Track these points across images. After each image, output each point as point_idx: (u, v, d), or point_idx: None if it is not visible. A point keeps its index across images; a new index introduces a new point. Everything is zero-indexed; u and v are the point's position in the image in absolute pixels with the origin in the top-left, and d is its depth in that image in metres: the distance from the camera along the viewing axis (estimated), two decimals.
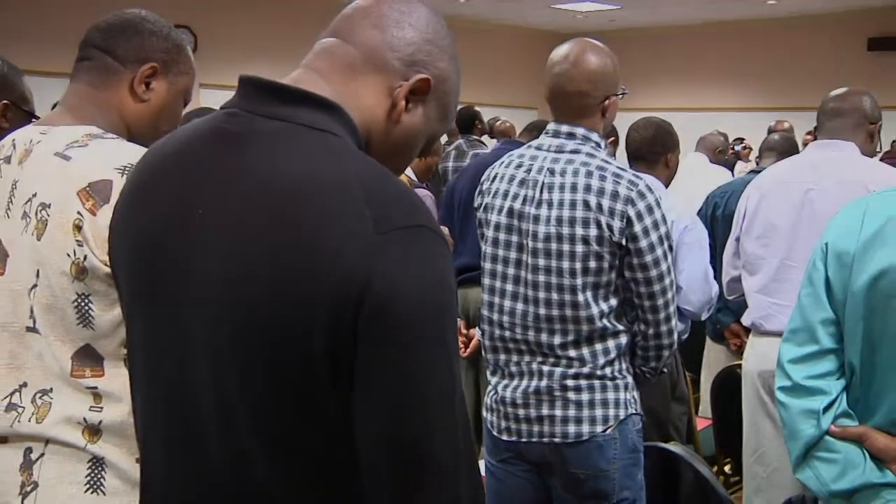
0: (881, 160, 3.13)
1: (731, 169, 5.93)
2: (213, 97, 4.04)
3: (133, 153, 1.50)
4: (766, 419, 2.90)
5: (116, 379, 1.51)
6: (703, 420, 3.93)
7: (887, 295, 1.65)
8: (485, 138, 7.38)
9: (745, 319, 3.06)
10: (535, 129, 4.12)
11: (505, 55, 13.11)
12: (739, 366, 3.32)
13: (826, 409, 1.72)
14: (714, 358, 4.17)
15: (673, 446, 2.49)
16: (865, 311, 1.68)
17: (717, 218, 3.99)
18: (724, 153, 5.79)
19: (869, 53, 11.16)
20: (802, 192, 2.85)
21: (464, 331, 3.65)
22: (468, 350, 3.60)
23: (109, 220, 1.30)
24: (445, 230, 3.40)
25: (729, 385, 3.39)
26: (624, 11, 11.65)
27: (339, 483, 1.03)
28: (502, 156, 3.82)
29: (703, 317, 3.19)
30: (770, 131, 6.85)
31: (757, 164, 4.72)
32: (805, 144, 5.68)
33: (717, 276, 3.12)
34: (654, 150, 3.09)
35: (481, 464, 2.72)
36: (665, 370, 2.39)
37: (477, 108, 7.31)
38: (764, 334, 2.92)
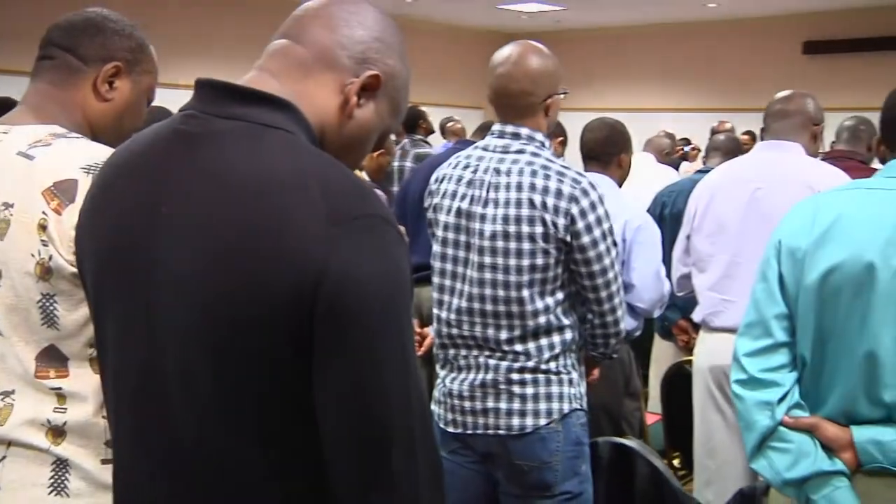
0: (822, 160, 3.21)
1: (677, 169, 6.03)
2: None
3: (98, 153, 1.49)
4: (717, 413, 2.96)
5: (81, 379, 1.50)
6: (653, 415, 3.99)
7: (837, 290, 1.70)
8: (432, 137, 7.39)
9: (696, 316, 3.12)
10: (486, 130, 4.16)
11: (451, 55, 13.14)
12: (688, 362, 3.38)
13: (780, 400, 1.76)
14: (662, 354, 4.24)
15: (627, 440, 2.53)
16: (817, 306, 1.73)
17: (666, 217, 4.06)
18: (671, 154, 5.89)
19: (804, 56, 11.38)
20: (751, 191, 2.90)
21: (418, 329, 3.67)
22: (422, 348, 3.61)
23: (75, 219, 1.29)
24: (402, 229, 3.42)
25: (678, 381, 3.47)
26: (569, 12, 11.72)
27: (305, 465, 1.06)
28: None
29: (656, 314, 3.26)
30: (713, 132, 7.00)
31: (704, 163, 4.83)
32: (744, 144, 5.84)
33: (668, 274, 3.19)
34: (607, 151, 3.14)
35: None
36: (615, 355, 2.46)
37: (422, 108, 7.33)
38: (714, 330, 2.97)
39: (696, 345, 3.11)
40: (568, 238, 2.13)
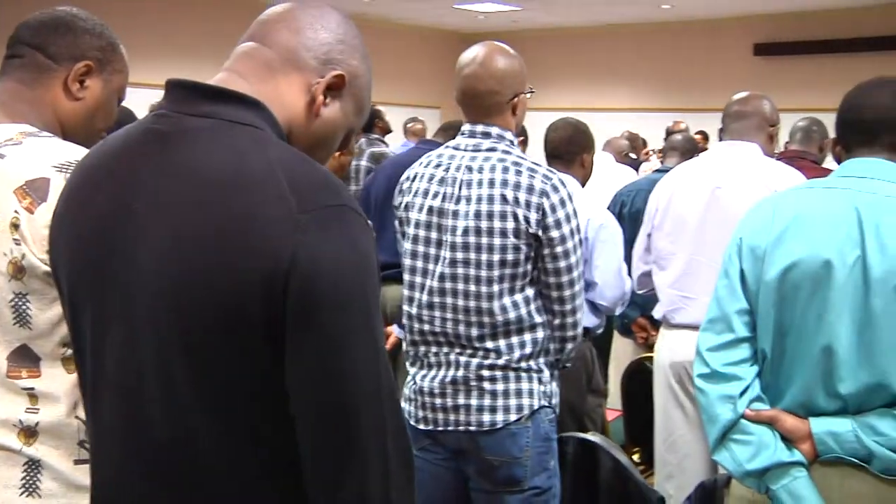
0: (777, 160, 3.28)
1: (636, 169, 6.10)
2: None
3: (70, 152, 1.50)
4: (677, 409, 3.00)
5: (54, 379, 1.50)
6: (613, 411, 4.05)
7: (796, 286, 1.76)
8: (389, 137, 7.40)
9: (656, 313, 3.15)
10: (450, 129, 4.17)
11: (408, 55, 13.14)
12: (647, 358, 3.43)
13: (741, 394, 1.81)
14: (622, 351, 4.30)
15: (592, 436, 2.56)
16: (776, 301, 1.78)
17: (625, 216, 4.11)
18: (629, 155, 5.96)
19: (755, 58, 11.52)
20: (710, 191, 2.94)
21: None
22: (387, 346, 3.63)
23: (48, 218, 1.29)
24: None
25: (637, 377, 3.53)
26: (525, 13, 11.78)
27: (278, 454, 1.09)
28: (420, 156, 3.88)
29: (618, 311, 3.30)
30: (668, 132, 7.11)
31: (661, 163, 4.89)
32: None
33: (629, 272, 3.23)
34: (570, 150, 3.17)
35: None
36: (568, 364, 2.46)
37: (380, 108, 7.33)
38: (674, 327, 3.01)
39: (657, 341, 3.14)
40: (539, 233, 2.15)
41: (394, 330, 3.64)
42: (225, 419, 1.08)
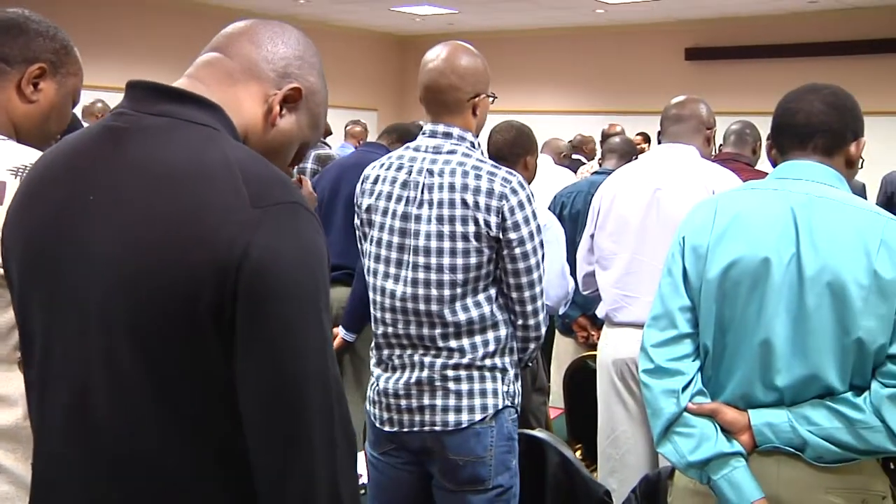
0: (713, 162, 3.36)
1: (574, 171, 6.18)
2: None
3: (25, 155, 1.50)
4: (619, 405, 3.06)
5: (10, 383, 1.49)
6: (555, 409, 4.10)
7: (736, 283, 1.82)
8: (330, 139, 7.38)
9: (599, 312, 3.20)
10: (394, 132, 4.19)
11: (345, 57, 13.07)
12: (590, 357, 3.46)
13: (684, 388, 1.85)
14: (563, 350, 4.32)
15: (539, 432, 2.58)
16: (718, 298, 1.83)
17: (565, 217, 4.15)
18: (567, 156, 6.03)
19: (686, 62, 11.68)
20: (651, 192, 3.00)
21: None
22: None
23: (2, 220, 1.29)
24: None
25: (578, 376, 3.55)
26: (461, 16, 11.82)
27: (224, 443, 1.10)
28: (366, 158, 3.88)
29: (561, 311, 3.35)
30: (604, 135, 7.22)
31: (600, 165, 4.95)
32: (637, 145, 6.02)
33: (571, 272, 3.29)
34: (514, 152, 3.19)
35: (362, 456, 2.75)
36: (531, 364, 2.47)
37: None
38: (616, 325, 3.07)
39: (601, 339, 3.17)
40: (500, 235, 2.16)
41: (339, 332, 3.64)
42: (172, 409, 1.09)
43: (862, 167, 2.05)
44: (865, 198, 5.53)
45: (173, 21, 11.01)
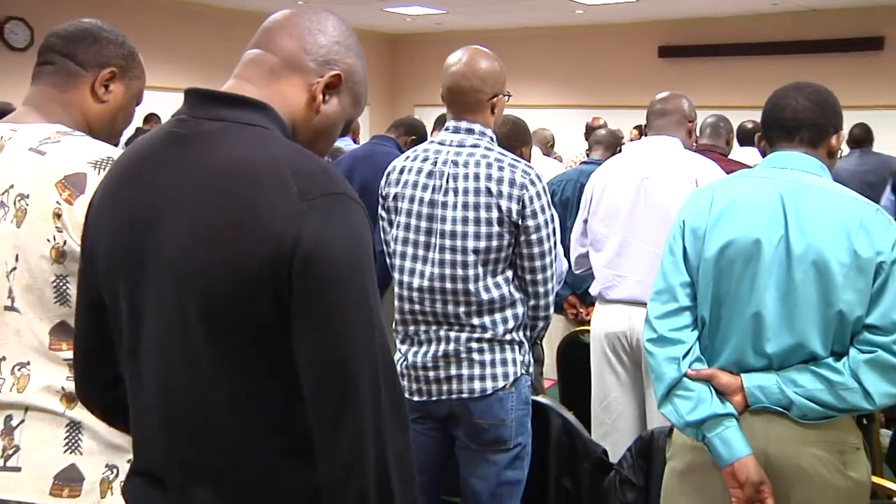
0: (694, 152, 3.41)
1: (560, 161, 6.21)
2: None
3: (103, 149, 1.55)
4: (611, 374, 3.11)
5: None
6: (548, 380, 4.13)
7: (731, 261, 1.87)
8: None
9: (593, 290, 3.24)
10: (401, 126, 4.23)
11: None
12: (582, 332, 3.51)
13: (684, 356, 1.90)
14: (554, 326, 4.31)
15: (543, 398, 2.63)
16: (714, 274, 1.88)
17: (556, 203, 4.15)
18: (553, 147, 6.06)
19: (659, 60, 11.65)
20: (639, 180, 3.04)
21: None
22: None
23: (85, 209, 1.35)
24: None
25: (570, 349, 3.58)
26: (449, 16, 11.77)
27: (284, 412, 1.14)
28: (377, 150, 3.93)
29: (557, 290, 3.40)
30: (588, 127, 7.24)
31: (587, 156, 4.98)
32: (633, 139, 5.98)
33: (564, 255, 3.32)
34: (510, 144, 3.18)
35: None
36: (539, 341, 2.50)
37: None
38: (608, 302, 3.11)
39: (594, 315, 3.21)
40: (519, 221, 2.19)
41: None
42: (238, 382, 1.13)
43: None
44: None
45: (174, 21, 10.97)
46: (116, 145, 1.65)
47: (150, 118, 8.61)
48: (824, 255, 1.80)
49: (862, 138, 6.04)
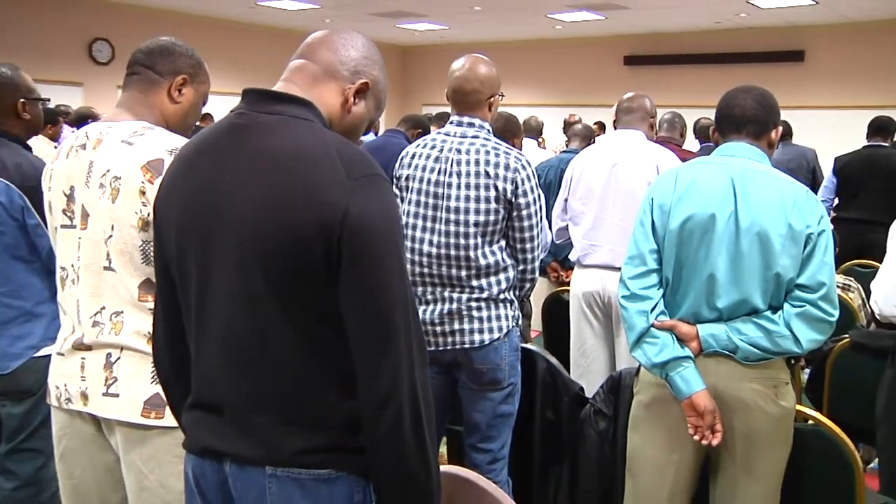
0: (655, 142, 3.38)
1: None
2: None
3: (176, 140, 1.58)
4: (587, 326, 3.10)
5: None
6: (534, 331, 4.16)
7: (690, 232, 1.86)
8: None
9: (572, 256, 3.22)
10: (410, 121, 4.19)
11: None
12: (560, 292, 3.49)
13: (652, 309, 1.90)
14: (539, 287, 4.30)
15: (530, 345, 2.59)
16: (677, 243, 1.88)
17: (540, 186, 4.15)
18: (542, 132, 5.96)
19: (624, 67, 11.60)
20: (610, 166, 3.02)
21: None
22: None
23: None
24: None
25: (553, 306, 3.56)
26: (451, 30, 11.71)
27: (337, 345, 1.13)
28: (390, 141, 3.89)
29: (541, 257, 3.38)
30: (567, 123, 7.21)
31: (566, 146, 4.94)
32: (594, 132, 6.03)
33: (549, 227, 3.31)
34: (504, 136, 3.18)
35: None
36: (527, 298, 2.47)
37: None
38: (585, 267, 3.10)
39: (572, 278, 3.20)
40: (512, 199, 2.19)
41: None
42: (293, 323, 1.13)
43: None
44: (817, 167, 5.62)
45: (231, 37, 10.85)
46: (188, 138, 1.65)
47: (206, 117, 8.56)
48: (766, 227, 1.80)
49: (784, 133, 6.18)
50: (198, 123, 8.37)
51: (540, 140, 5.85)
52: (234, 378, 1.17)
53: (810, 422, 2.02)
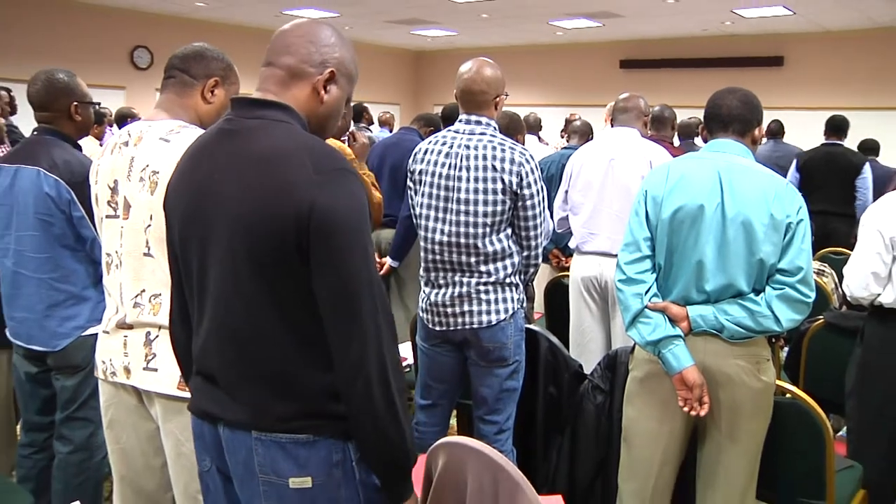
0: (649, 139, 3.35)
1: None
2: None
3: None
4: (585, 308, 3.08)
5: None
6: (537, 313, 4.15)
7: (681, 221, 1.84)
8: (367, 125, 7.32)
9: (571, 244, 3.19)
10: (422, 119, 4.15)
11: (378, 66, 12.92)
12: (561, 276, 3.47)
13: (646, 292, 1.88)
14: (542, 272, 4.29)
15: (534, 326, 2.57)
16: (669, 231, 1.86)
17: (543, 179, 4.13)
18: (541, 128, 5.92)
19: (620, 70, 11.54)
20: (607, 161, 2.99)
21: (378, 259, 3.67)
22: (382, 271, 3.64)
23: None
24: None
25: (554, 289, 3.54)
26: (460, 37, 11.65)
27: (313, 325, 1.15)
28: (404, 138, 3.86)
29: (544, 245, 3.36)
30: (568, 121, 7.14)
31: (567, 142, 4.90)
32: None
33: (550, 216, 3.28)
34: (509, 133, 3.11)
35: (408, 346, 2.79)
36: (530, 282, 2.46)
37: (366, 105, 7.30)
38: (583, 254, 3.08)
39: (572, 263, 3.17)
40: (517, 191, 2.16)
41: (387, 260, 3.62)
42: (274, 303, 1.15)
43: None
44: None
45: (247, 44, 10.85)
46: None
47: None
48: (750, 217, 1.79)
49: (776, 132, 6.17)
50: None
51: (540, 136, 5.82)
52: (226, 354, 1.20)
53: (788, 395, 2.02)
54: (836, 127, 5.16)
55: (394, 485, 1.20)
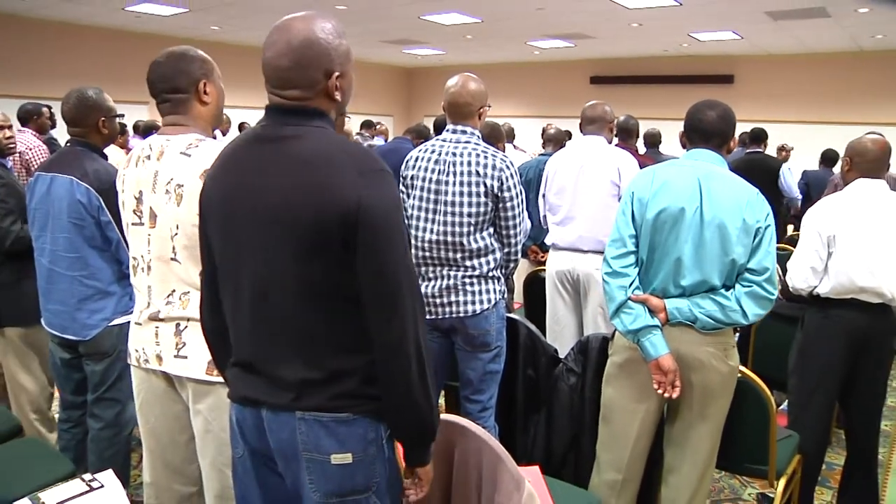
0: (615, 146, 3.32)
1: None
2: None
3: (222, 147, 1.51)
4: (560, 298, 3.06)
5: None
6: (517, 303, 4.11)
7: (663, 222, 1.81)
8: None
9: (548, 240, 3.16)
10: (413, 130, 4.13)
11: (374, 82, 12.85)
12: (538, 270, 3.44)
13: (630, 285, 1.85)
14: (521, 266, 4.24)
15: (513, 315, 2.57)
16: (651, 230, 1.83)
17: (522, 183, 4.11)
18: (515, 137, 5.89)
19: (591, 86, 11.57)
20: (578, 167, 2.96)
21: None
22: None
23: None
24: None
25: (532, 282, 3.53)
26: (447, 55, 11.60)
27: (350, 311, 1.12)
28: (398, 146, 3.83)
29: (522, 242, 3.34)
30: (543, 130, 7.09)
31: (543, 148, 4.88)
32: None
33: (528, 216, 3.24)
34: (490, 141, 3.07)
35: None
36: (511, 276, 2.45)
37: (369, 118, 7.25)
38: (559, 250, 3.05)
39: (548, 258, 3.15)
40: (499, 194, 2.14)
41: None
42: (315, 295, 1.12)
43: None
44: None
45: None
46: (226, 127, 1.61)
47: (242, 126, 8.46)
48: (724, 221, 1.77)
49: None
50: (241, 122, 8.25)
51: (515, 144, 5.79)
52: (264, 340, 1.16)
53: (739, 375, 2.02)
54: (756, 137, 5.24)
55: (418, 450, 1.21)
